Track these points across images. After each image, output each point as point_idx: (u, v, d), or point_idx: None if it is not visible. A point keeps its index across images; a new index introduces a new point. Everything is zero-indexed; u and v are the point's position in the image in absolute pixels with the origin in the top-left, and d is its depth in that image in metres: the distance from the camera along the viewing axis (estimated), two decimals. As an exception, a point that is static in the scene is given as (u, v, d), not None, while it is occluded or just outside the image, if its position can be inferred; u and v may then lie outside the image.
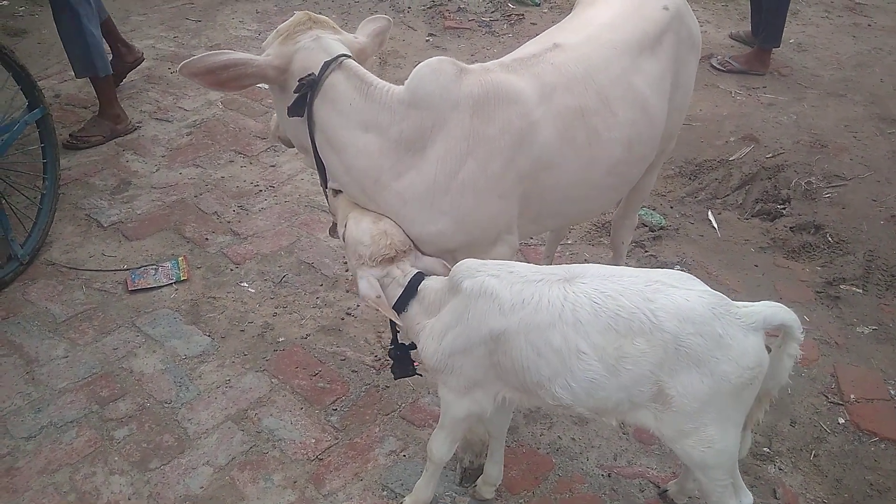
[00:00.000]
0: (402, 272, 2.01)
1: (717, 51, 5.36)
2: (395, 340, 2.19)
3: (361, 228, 2.03)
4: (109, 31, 4.48)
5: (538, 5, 6.36)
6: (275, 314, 3.08)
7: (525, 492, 2.41)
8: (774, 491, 2.41)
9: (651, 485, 2.43)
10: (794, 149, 4.28)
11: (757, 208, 3.81)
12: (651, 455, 2.53)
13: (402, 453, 2.51)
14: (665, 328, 1.70)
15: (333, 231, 2.35)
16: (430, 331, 1.97)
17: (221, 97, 4.73)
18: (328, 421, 2.61)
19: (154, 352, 2.88)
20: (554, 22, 6.09)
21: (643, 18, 2.36)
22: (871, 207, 3.80)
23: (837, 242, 3.56)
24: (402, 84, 2.04)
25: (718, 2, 6.27)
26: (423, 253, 2.11)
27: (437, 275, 2.06)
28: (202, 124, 4.42)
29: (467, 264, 1.94)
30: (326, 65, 1.99)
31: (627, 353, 1.74)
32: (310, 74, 1.98)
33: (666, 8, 2.40)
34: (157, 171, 3.98)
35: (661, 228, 3.65)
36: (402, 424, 2.62)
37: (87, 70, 4.07)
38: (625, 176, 2.39)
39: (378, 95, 2.01)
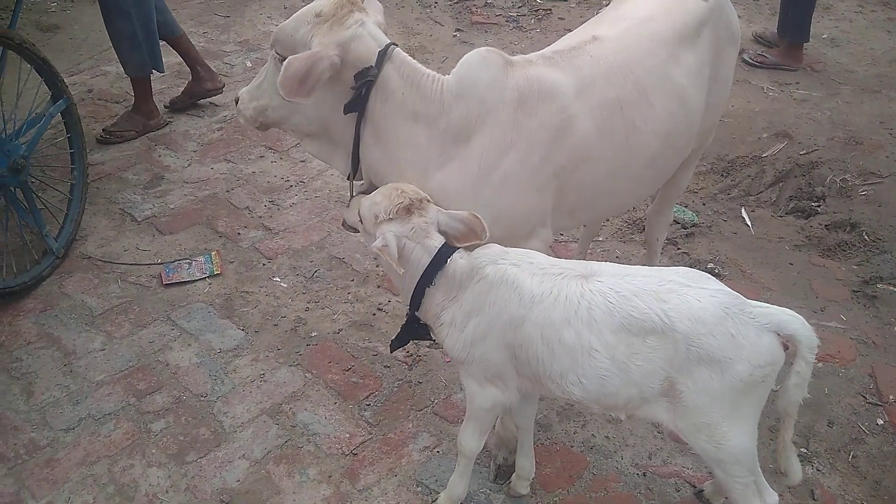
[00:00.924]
0: (426, 230, 1.90)
1: (748, 46, 5.29)
2: (411, 319, 2.08)
3: (373, 194, 1.98)
4: (186, 51, 4.37)
5: (566, 0, 6.31)
6: (307, 309, 3.09)
7: (560, 490, 2.40)
8: (812, 492, 2.39)
9: (687, 484, 2.42)
10: (829, 145, 4.22)
11: (791, 206, 3.76)
12: (686, 455, 2.51)
13: (436, 449, 2.52)
14: (677, 328, 1.72)
15: (346, 225, 2.27)
16: (452, 319, 1.95)
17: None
18: (362, 416, 2.62)
19: (189, 345, 2.91)
20: (582, 17, 6.07)
21: (683, 10, 2.34)
22: (909, 206, 3.74)
23: (874, 241, 3.50)
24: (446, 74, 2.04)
25: (749, -4, 6.18)
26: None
27: (464, 229, 1.95)
28: (232, 119, 4.44)
29: (491, 250, 1.94)
30: (381, 55, 1.97)
31: (639, 350, 1.76)
32: (370, 67, 1.96)
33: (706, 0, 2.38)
34: (188, 165, 4.01)
35: (694, 226, 3.61)
36: (436, 420, 2.63)
37: (137, 70, 4.07)
38: (661, 169, 2.39)
39: (427, 85, 2.01)
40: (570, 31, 2.16)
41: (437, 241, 1.93)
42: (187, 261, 3.30)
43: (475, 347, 1.93)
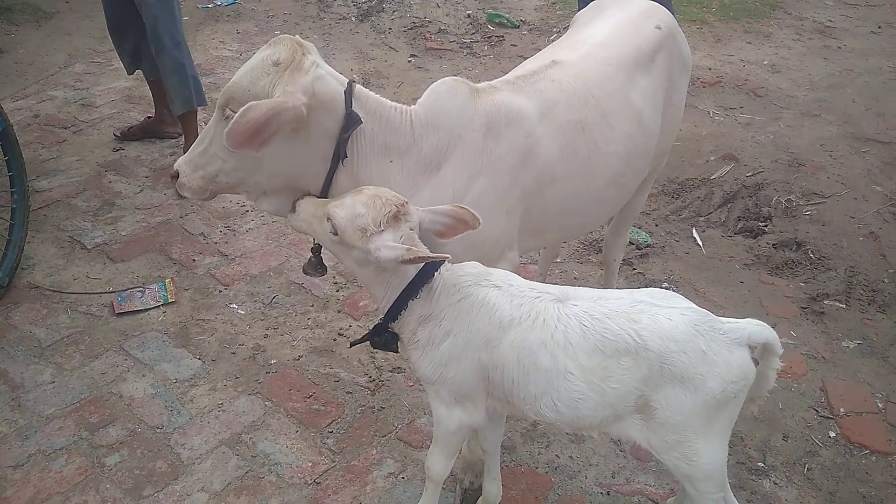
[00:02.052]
0: (412, 239, 1.81)
1: (694, 73, 5.47)
2: (382, 328, 1.99)
3: (348, 204, 1.81)
4: (161, 94, 4.22)
5: (517, 27, 6.45)
6: (266, 336, 3.04)
7: (525, 512, 2.40)
8: (771, 505, 2.44)
9: (650, 502, 2.44)
10: (773, 167, 4.38)
11: (739, 226, 3.88)
12: (649, 472, 2.54)
13: (401, 475, 2.49)
14: (650, 347, 1.74)
15: (310, 268, 2.19)
16: (430, 338, 1.90)
17: (204, 116, 4.70)
18: (324, 444, 2.58)
19: (143, 376, 2.83)
20: (533, 44, 6.19)
21: (638, 36, 2.43)
22: (850, 224, 3.89)
23: (819, 259, 3.64)
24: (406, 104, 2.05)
25: (693, 24, 6.41)
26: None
27: (451, 222, 1.88)
28: (185, 144, 4.38)
29: (474, 270, 1.92)
30: (348, 94, 1.91)
31: (613, 372, 1.77)
32: (353, 113, 1.89)
33: (658, 27, 2.48)
34: (141, 191, 3.93)
35: (648, 246, 3.69)
36: (400, 446, 2.60)
37: (185, 105, 3.96)
38: (622, 188, 2.44)
39: (395, 117, 1.99)
40: (522, 57, 2.22)
41: (423, 247, 1.87)
42: (140, 289, 3.22)
43: (448, 368, 1.91)
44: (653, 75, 2.42)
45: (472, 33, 6.29)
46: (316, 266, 2.18)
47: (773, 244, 3.73)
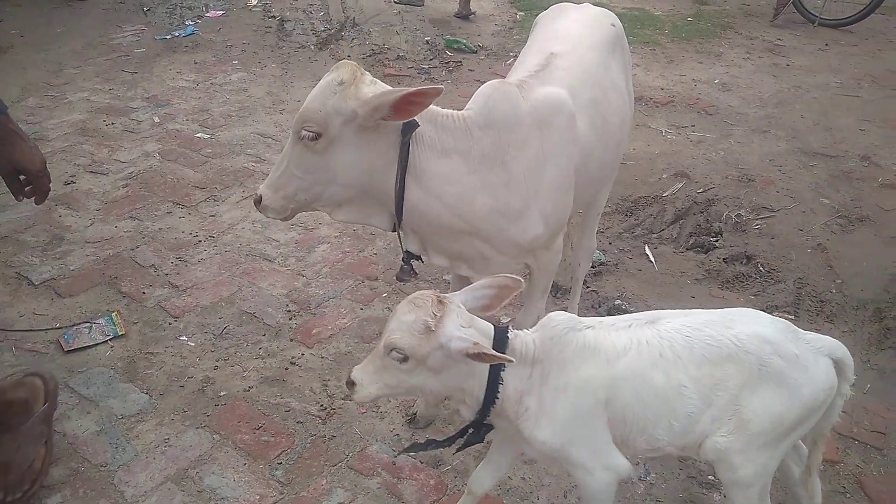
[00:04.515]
0: (467, 317, 1.77)
1: (646, 93, 5.57)
2: (478, 423, 1.92)
3: (394, 327, 1.77)
4: None
5: (475, 52, 6.53)
6: (216, 367, 3.00)
7: (476, 536, 2.37)
8: (721, 520, 2.44)
9: (601, 521, 2.43)
10: (724, 183, 4.46)
11: (691, 241, 3.94)
12: (600, 491, 2.53)
13: (351, 504, 2.46)
14: (749, 349, 1.80)
15: (404, 274, 2.40)
16: (540, 401, 1.82)
17: (159, 148, 4.68)
18: (273, 476, 2.54)
19: (88, 413, 2.77)
20: (490, 68, 6.26)
21: (601, 29, 2.76)
22: (799, 237, 3.97)
23: (768, 271, 3.69)
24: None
25: (647, 46, 6.54)
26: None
27: (495, 292, 1.88)
28: (139, 176, 4.36)
29: (562, 320, 1.88)
30: None
31: (719, 380, 1.81)
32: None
33: (613, 25, 2.83)
34: (91, 224, 3.89)
35: (602, 264, 3.72)
36: (350, 475, 2.57)
37: None
38: (618, 157, 2.80)
39: (449, 122, 2.18)
40: (480, 82, 2.35)
41: (485, 324, 1.84)
42: (87, 325, 3.16)
43: (571, 426, 1.83)
44: (618, 62, 2.76)
45: (431, 59, 6.35)
46: (405, 271, 2.41)
47: (724, 258, 3.78)
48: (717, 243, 3.91)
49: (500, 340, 1.83)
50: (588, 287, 3.57)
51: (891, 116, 5.34)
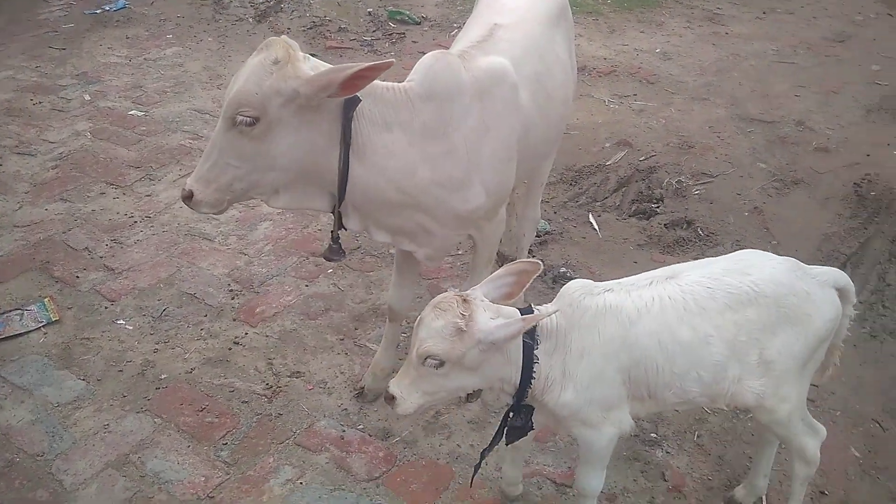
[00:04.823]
0: (492, 307, 1.79)
1: (589, 63, 5.59)
2: (517, 406, 1.93)
3: (424, 335, 1.77)
4: None
5: (419, 24, 6.44)
6: (156, 350, 2.93)
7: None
8: (663, 474, 2.50)
9: (548, 481, 2.47)
10: (665, 151, 4.52)
11: (633, 208, 3.99)
12: (546, 452, 2.57)
13: (299, 481, 2.44)
14: (766, 293, 1.88)
15: (331, 253, 2.31)
16: (564, 369, 1.87)
17: (90, 126, 4.50)
18: (218, 456, 2.51)
19: (22, 402, 2.68)
20: (434, 39, 6.19)
21: (545, 3, 2.74)
22: (736, 201, 4.05)
23: (708, 235, 3.77)
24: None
25: (589, 16, 6.55)
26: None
27: (514, 279, 1.90)
28: (69, 156, 4.19)
29: (579, 287, 1.93)
30: None
31: (741, 325, 1.87)
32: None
33: None
34: (20, 208, 3.73)
35: (547, 234, 3.74)
36: (298, 451, 2.55)
37: None
38: (560, 131, 2.83)
39: (390, 96, 2.11)
40: (424, 53, 2.27)
41: (509, 308, 1.86)
42: (18, 312, 3.05)
43: (591, 389, 1.88)
44: (562, 35, 2.77)
45: (374, 31, 6.24)
46: (335, 251, 2.33)
47: (665, 224, 3.84)
48: (658, 209, 3.97)
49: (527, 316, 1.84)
50: (533, 256, 3.58)
51: (825, 82, 5.47)
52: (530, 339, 1.85)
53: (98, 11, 6.30)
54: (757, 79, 5.55)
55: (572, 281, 1.98)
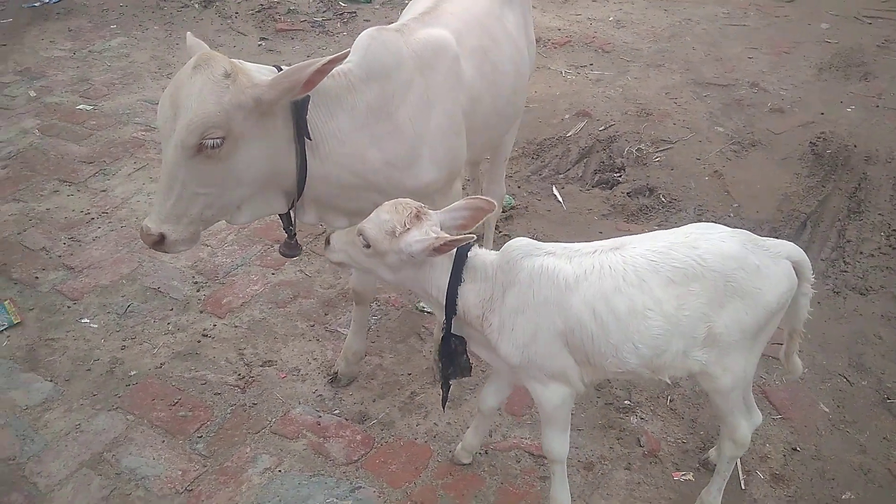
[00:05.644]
0: (437, 233, 1.90)
1: (544, 34, 5.59)
2: (447, 333, 2.04)
3: (373, 217, 1.93)
4: None
5: (370, 2, 6.36)
6: (123, 347, 2.88)
7: (407, 484, 2.40)
8: (638, 440, 2.55)
9: (526, 454, 2.50)
10: (623, 119, 4.55)
11: (596, 179, 4.02)
12: (524, 426, 2.60)
13: (278, 469, 2.43)
14: (714, 268, 1.86)
15: (287, 249, 2.29)
16: (501, 322, 1.93)
17: (37, 123, 4.37)
18: (193, 449, 2.48)
19: (-12, 408, 2.62)
20: (386, 17, 6.12)
21: None
22: (696, 165, 4.11)
23: (670, 201, 3.82)
24: None
25: (542, -13, 6.53)
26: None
27: (469, 213, 1.99)
28: (18, 155, 4.06)
29: (520, 245, 1.95)
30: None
31: (685, 300, 1.86)
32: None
33: None
34: (-30, 211, 3.62)
35: (512, 208, 3.76)
36: (275, 440, 2.54)
37: None
38: (515, 106, 2.77)
39: (330, 83, 2.04)
40: None
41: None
42: (-23, 316, 2.97)
43: (529, 348, 1.93)
44: (514, 12, 2.77)
45: (324, 11, 6.14)
46: (293, 246, 2.28)
47: (628, 193, 3.88)
48: (620, 178, 4.01)
49: (461, 256, 1.96)
50: (500, 231, 3.59)
51: (776, 43, 5.56)
52: (457, 274, 1.95)
53: (37, 4, 6.09)
54: (710, 42, 5.61)
55: (516, 239, 2.01)
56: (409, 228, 1.88)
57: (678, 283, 1.87)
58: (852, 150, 4.18)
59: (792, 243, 2.02)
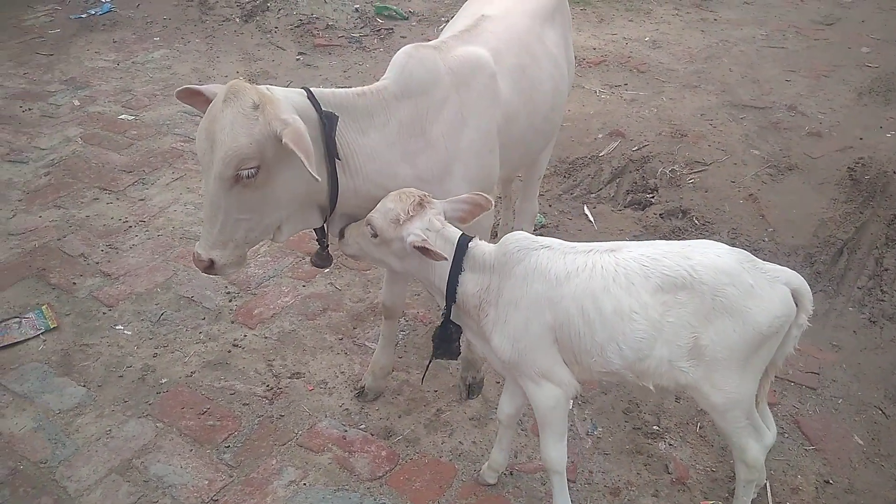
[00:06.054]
0: (441, 222, 2.02)
1: (579, 53, 5.59)
2: (446, 320, 2.14)
3: (379, 207, 2.03)
4: None
5: (406, 19, 6.43)
6: (155, 355, 2.93)
7: (430, 502, 2.39)
8: (667, 466, 2.51)
9: (552, 477, 2.48)
10: (657, 140, 4.52)
11: (628, 199, 3.99)
12: (549, 448, 2.57)
13: (303, 482, 2.44)
14: (704, 280, 1.87)
15: (319, 259, 2.35)
16: (496, 314, 2.00)
17: (80, 132, 4.49)
18: (221, 459, 2.51)
19: (24, 410, 2.68)
20: (423, 34, 6.18)
21: None
22: (731, 188, 4.06)
23: (703, 224, 3.78)
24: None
25: (577, 6, 6.54)
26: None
27: (469, 207, 2.09)
28: (61, 163, 4.17)
29: (517, 239, 2.01)
30: (313, 99, 2.03)
31: (671, 307, 1.88)
32: (328, 112, 2.02)
33: None
34: (13, 216, 3.71)
35: (543, 227, 3.75)
36: (301, 452, 2.55)
37: None
38: (551, 123, 2.79)
39: (362, 102, 2.11)
40: None
41: (454, 231, 2.05)
42: (16, 319, 3.04)
43: (519, 342, 1.97)
44: (555, 30, 2.80)
45: (361, 27, 6.22)
46: (325, 258, 2.34)
47: (660, 214, 3.85)
48: (653, 199, 3.97)
49: (461, 247, 2.02)
50: (530, 250, 3.59)
51: (815, 66, 5.48)
52: (458, 263, 2.02)
53: (84, 16, 6.27)
54: (747, 64, 5.56)
55: (513, 232, 2.07)
56: (412, 216, 1.98)
57: (665, 291, 1.89)
58: (891, 177, 4.10)
59: (793, 272, 1.99)
